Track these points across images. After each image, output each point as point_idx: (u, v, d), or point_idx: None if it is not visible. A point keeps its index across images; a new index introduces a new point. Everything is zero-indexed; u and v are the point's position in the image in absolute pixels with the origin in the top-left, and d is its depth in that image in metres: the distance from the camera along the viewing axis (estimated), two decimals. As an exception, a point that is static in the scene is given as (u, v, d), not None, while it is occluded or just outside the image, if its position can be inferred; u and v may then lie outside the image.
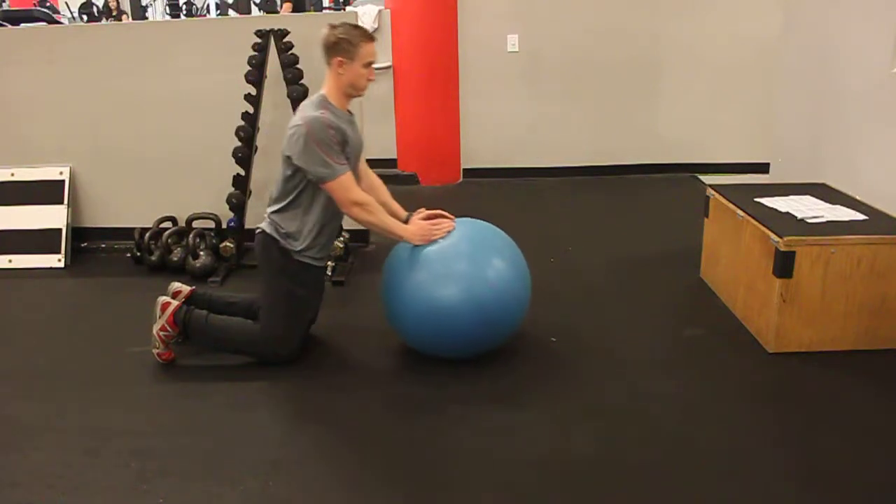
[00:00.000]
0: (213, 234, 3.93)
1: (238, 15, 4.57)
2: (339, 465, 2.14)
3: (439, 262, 2.57)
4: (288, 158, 2.59)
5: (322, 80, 3.89)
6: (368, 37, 2.63)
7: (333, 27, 2.60)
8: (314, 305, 2.82)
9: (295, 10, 6.08)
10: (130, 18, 7.79)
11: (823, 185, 3.34)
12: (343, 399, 2.51)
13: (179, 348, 2.80)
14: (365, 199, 2.58)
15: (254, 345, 2.71)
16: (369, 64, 2.64)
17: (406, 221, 2.70)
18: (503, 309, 2.58)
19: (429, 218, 2.69)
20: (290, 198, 2.63)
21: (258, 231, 2.71)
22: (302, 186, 2.62)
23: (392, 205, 2.81)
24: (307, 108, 2.60)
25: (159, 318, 2.70)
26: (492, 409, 2.41)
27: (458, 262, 2.58)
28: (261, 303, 2.73)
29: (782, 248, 2.61)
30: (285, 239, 2.63)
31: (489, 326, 2.59)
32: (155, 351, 2.72)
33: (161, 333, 2.70)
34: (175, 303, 2.74)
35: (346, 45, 2.58)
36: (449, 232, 2.60)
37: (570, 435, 2.26)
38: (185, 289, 2.86)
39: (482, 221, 2.76)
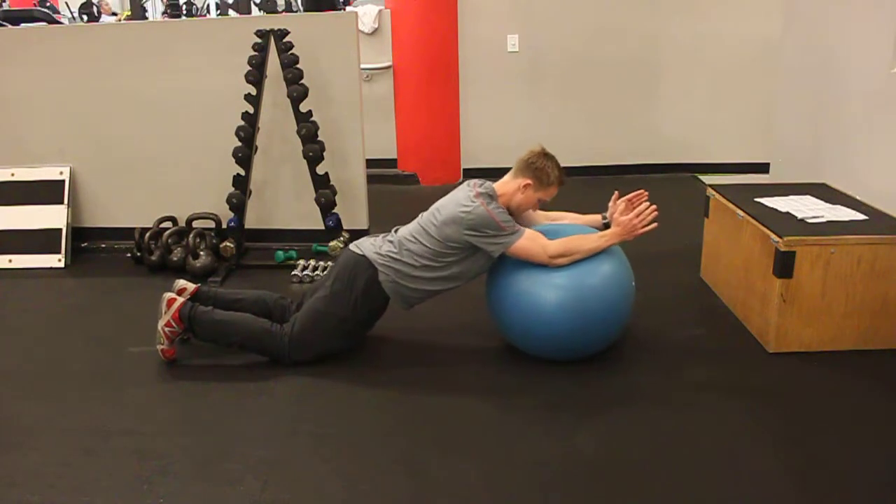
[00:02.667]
0: (213, 234, 3.93)
1: (238, 15, 4.56)
2: (339, 465, 2.14)
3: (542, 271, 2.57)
4: (453, 233, 2.56)
5: (323, 80, 3.91)
6: (561, 182, 2.71)
7: (546, 157, 2.69)
8: (351, 341, 2.78)
9: None
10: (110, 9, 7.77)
11: (823, 185, 3.34)
12: (343, 399, 2.51)
13: (180, 348, 2.80)
14: (558, 251, 2.53)
15: (258, 341, 2.70)
16: (542, 200, 2.71)
17: (606, 221, 2.74)
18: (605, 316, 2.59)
19: (627, 209, 2.68)
20: (429, 260, 2.61)
21: (358, 252, 2.67)
22: (454, 258, 2.62)
23: (583, 218, 2.85)
24: (482, 197, 2.58)
25: (164, 313, 2.71)
26: (490, 409, 2.41)
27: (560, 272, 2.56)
28: (311, 303, 2.70)
29: (782, 248, 2.61)
30: (388, 280, 2.61)
31: (589, 333, 2.59)
32: (159, 347, 2.72)
33: (166, 329, 2.70)
34: (181, 299, 2.74)
35: (543, 176, 2.66)
36: (655, 218, 2.59)
37: (569, 435, 2.26)
38: (191, 286, 2.86)
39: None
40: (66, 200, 4.06)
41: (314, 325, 2.66)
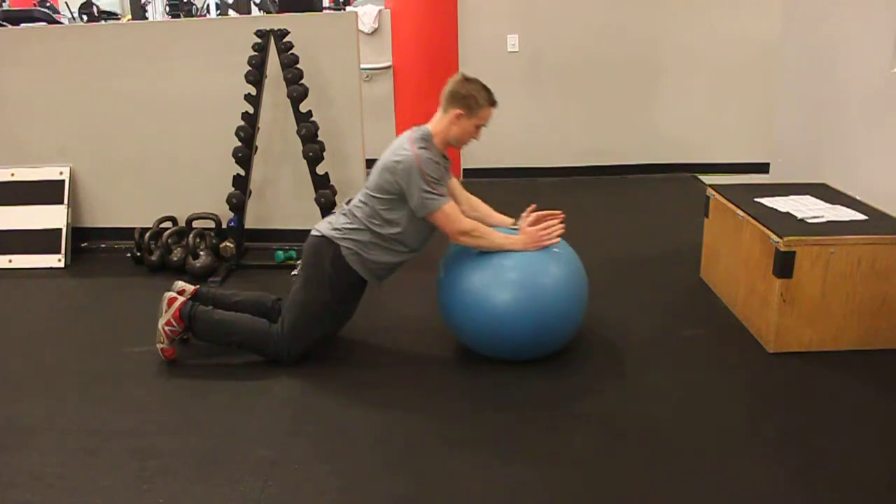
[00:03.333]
0: (213, 234, 3.93)
1: (238, 15, 4.56)
2: (338, 465, 2.14)
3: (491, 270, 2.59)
4: (388, 185, 2.57)
5: (323, 80, 3.91)
6: (493, 103, 2.65)
7: (468, 81, 2.63)
8: (340, 323, 2.81)
9: None
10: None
11: (823, 185, 3.34)
12: (343, 399, 2.51)
13: (180, 348, 2.80)
14: (470, 227, 2.58)
15: (258, 341, 2.71)
16: (481, 126, 2.67)
17: (515, 227, 2.72)
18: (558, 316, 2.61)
19: (537, 221, 2.68)
20: (380, 221, 2.62)
21: (316, 234, 2.69)
22: (392, 213, 2.61)
23: (495, 217, 2.84)
24: (415, 142, 2.59)
25: (165, 312, 2.71)
26: (490, 410, 2.41)
27: (510, 272, 2.59)
28: (290, 298, 2.71)
29: (782, 249, 2.61)
30: (351, 253, 2.62)
31: (545, 335, 2.61)
32: (159, 346, 2.73)
33: (167, 328, 2.70)
34: (181, 298, 2.75)
35: (472, 102, 2.61)
36: (560, 235, 2.63)
37: (569, 434, 2.26)
38: (190, 287, 2.86)
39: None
40: (66, 200, 4.06)
41: (300, 316, 2.66)
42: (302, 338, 2.68)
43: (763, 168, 4.62)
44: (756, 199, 3.08)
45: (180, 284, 2.88)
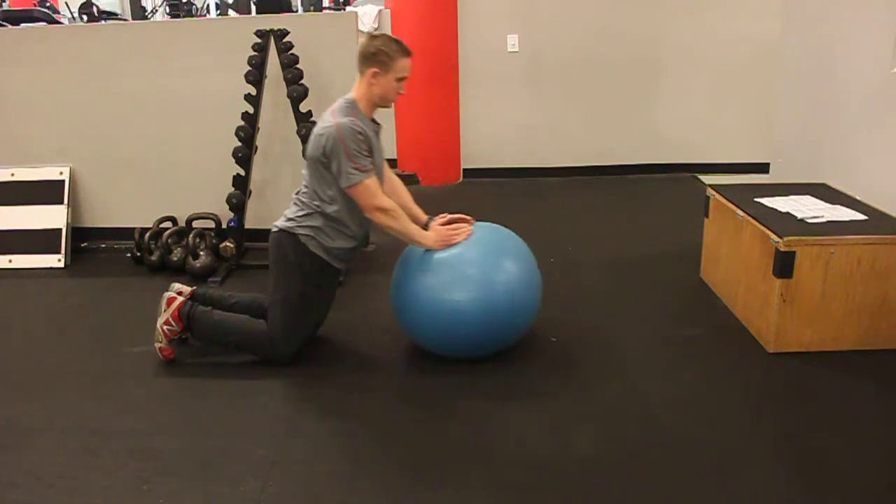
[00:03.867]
0: (213, 234, 3.93)
1: (238, 15, 4.56)
2: (338, 465, 2.14)
3: (451, 266, 2.60)
4: (316, 160, 2.58)
5: (323, 80, 3.91)
6: (406, 52, 2.63)
7: (373, 38, 2.61)
8: (323, 308, 2.82)
9: None
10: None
11: (823, 185, 3.34)
12: (343, 399, 2.51)
13: (180, 348, 2.80)
14: (389, 205, 2.59)
15: (255, 342, 2.71)
16: (402, 78, 2.65)
17: (426, 226, 2.71)
18: (512, 313, 2.61)
19: (449, 222, 2.70)
20: (320, 201, 2.63)
21: (275, 230, 2.71)
22: (326, 188, 2.61)
23: (413, 209, 2.82)
24: (337, 113, 2.60)
25: (164, 312, 2.72)
26: (491, 409, 2.40)
27: (469, 267, 2.60)
28: (269, 300, 2.72)
29: (782, 249, 2.61)
30: (310, 239, 2.63)
31: (498, 329, 2.61)
32: (157, 345, 2.73)
33: (165, 328, 2.70)
34: (180, 298, 2.75)
35: (383, 57, 2.59)
36: (468, 236, 2.62)
37: (569, 434, 2.26)
38: (187, 289, 2.86)
39: (496, 225, 2.78)
40: (66, 200, 4.06)
41: (283, 313, 2.66)
42: (292, 333, 2.68)
43: (763, 168, 4.62)
44: (756, 199, 3.08)
45: (177, 286, 2.88)
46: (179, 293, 2.83)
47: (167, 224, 4.01)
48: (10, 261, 3.96)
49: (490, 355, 2.68)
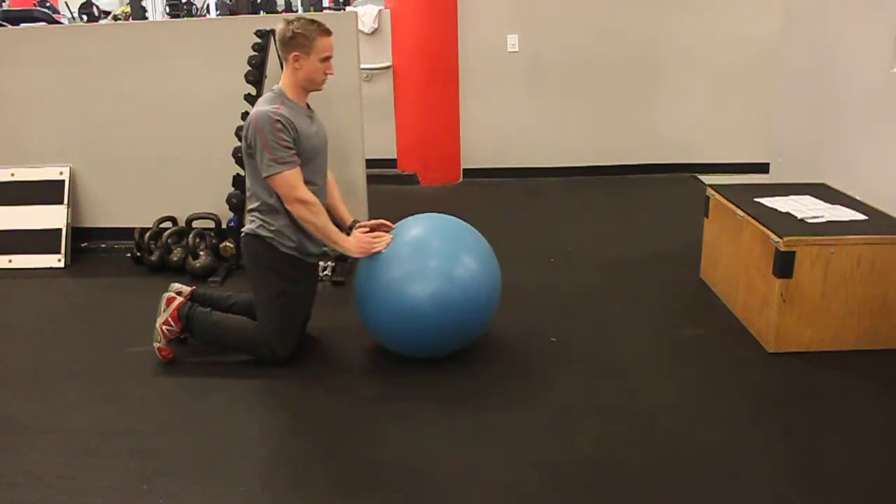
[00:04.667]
0: (213, 234, 3.93)
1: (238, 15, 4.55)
2: (337, 466, 2.14)
3: (407, 261, 2.58)
4: (245, 152, 2.63)
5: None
6: (325, 31, 2.61)
7: (289, 22, 2.60)
8: (307, 302, 2.81)
9: None
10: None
11: (823, 185, 3.34)
12: (342, 399, 2.51)
13: (179, 348, 2.80)
14: (309, 199, 2.57)
15: (253, 344, 2.71)
16: (327, 58, 2.62)
17: (349, 230, 2.71)
18: (470, 308, 2.58)
19: (371, 230, 2.69)
20: (266, 195, 2.63)
21: (242, 234, 2.71)
22: (266, 184, 2.62)
23: (341, 209, 2.83)
24: (262, 102, 2.61)
25: (163, 312, 2.72)
26: (492, 410, 2.41)
27: (427, 260, 2.58)
28: (255, 304, 2.73)
29: (782, 248, 2.61)
30: (273, 235, 2.63)
31: (456, 325, 2.58)
32: (156, 345, 2.73)
33: (164, 328, 2.71)
34: (180, 298, 2.75)
35: (302, 39, 2.57)
36: (388, 244, 2.59)
37: (569, 435, 2.26)
38: (186, 289, 2.86)
39: (452, 218, 2.75)
40: (66, 200, 4.06)
41: (270, 314, 2.66)
42: (284, 333, 2.68)
43: (763, 168, 4.62)
44: (756, 199, 3.08)
45: (176, 287, 2.88)
46: (179, 293, 2.83)
47: (167, 224, 4.01)
48: (10, 261, 3.96)
49: (488, 355, 2.67)
